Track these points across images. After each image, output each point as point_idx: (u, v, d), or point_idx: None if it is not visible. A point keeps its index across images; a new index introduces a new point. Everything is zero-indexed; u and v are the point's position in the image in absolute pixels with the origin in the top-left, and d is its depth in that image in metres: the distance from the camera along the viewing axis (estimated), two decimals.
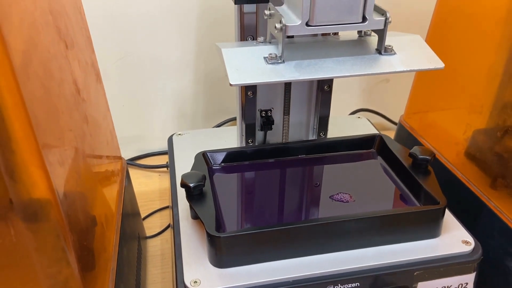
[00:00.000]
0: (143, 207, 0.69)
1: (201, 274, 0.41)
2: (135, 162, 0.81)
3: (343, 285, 0.41)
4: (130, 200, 0.57)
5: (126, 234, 0.49)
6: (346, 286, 0.41)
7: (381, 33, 0.42)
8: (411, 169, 0.49)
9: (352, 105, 0.89)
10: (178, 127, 0.84)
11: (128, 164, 0.77)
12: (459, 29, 0.57)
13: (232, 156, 0.54)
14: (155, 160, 0.82)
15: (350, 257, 0.42)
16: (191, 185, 0.44)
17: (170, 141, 0.63)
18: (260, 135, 0.58)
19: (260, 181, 0.53)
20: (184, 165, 0.52)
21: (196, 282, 0.40)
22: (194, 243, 0.44)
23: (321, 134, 0.59)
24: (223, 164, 0.54)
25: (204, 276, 0.40)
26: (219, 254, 0.41)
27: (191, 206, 0.45)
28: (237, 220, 0.46)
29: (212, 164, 0.54)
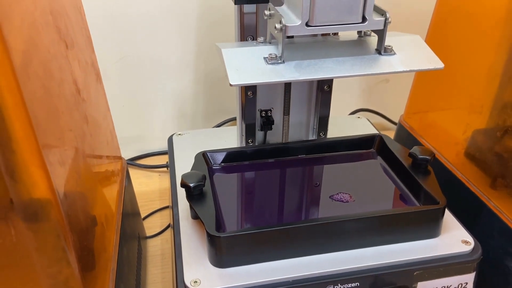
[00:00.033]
0: (143, 207, 0.69)
1: (201, 274, 0.41)
2: (135, 162, 0.81)
3: (343, 285, 0.41)
4: (130, 200, 0.57)
5: (126, 234, 0.49)
6: (346, 286, 0.41)
7: (381, 33, 0.42)
8: (411, 169, 0.49)
9: (352, 105, 0.89)
10: (178, 127, 0.84)
11: (128, 164, 0.77)
12: (459, 29, 0.57)
13: (232, 156, 0.54)
14: (155, 160, 0.82)
15: (350, 257, 0.42)
16: (191, 185, 0.44)
17: (170, 141, 0.63)
18: (260, 135, 0.58)
19: (260, 181, 0.53)
20: (184, 165, 0.52)
21: (196, 282, 0.40)
22: (194, 243, 0.44)
23: (321, 134, 0.59)
24: (223, 164, 0.54)
25: (204, 276, 0.40)
26: (219, 254, 0.41)
27: (191, 206, 0.45)
28: (237, 220, 0.46)
29: (212, 164, 0.54)
